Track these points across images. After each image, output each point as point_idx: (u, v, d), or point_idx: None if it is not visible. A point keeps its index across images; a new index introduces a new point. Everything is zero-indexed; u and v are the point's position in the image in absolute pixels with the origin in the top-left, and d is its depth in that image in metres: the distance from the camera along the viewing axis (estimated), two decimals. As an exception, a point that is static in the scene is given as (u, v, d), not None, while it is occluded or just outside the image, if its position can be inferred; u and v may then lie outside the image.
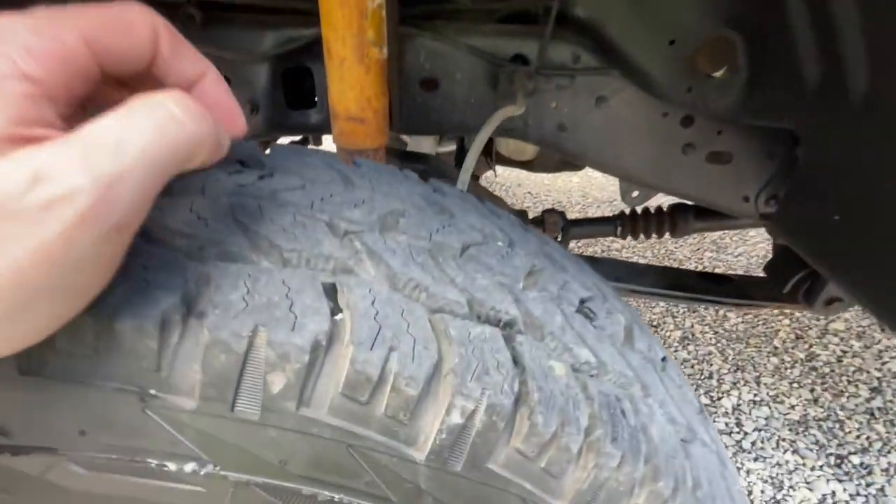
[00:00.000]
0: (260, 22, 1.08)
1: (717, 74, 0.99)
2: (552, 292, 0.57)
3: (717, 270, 2.85)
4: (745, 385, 2.08)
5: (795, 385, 2.09)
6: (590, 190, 3.95)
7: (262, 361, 0.35)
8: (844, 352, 2.20)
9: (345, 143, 0.95)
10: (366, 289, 0.41)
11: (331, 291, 0.40)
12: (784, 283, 1.37)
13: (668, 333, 2.21)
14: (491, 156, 2.03)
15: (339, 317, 0.39)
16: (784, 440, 1.83)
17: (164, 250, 0.37)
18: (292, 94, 1.18)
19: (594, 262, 1.48)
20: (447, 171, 1.79)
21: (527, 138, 1.24)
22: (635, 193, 1.55)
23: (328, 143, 1.30)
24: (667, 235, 1.67)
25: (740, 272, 2.95)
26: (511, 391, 0.40)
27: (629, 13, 0.93)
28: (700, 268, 2.96)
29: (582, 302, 0.60)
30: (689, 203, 1.55)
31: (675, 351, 2.29)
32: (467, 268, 0.50)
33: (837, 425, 1.88)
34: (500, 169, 2.43)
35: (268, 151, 0.57)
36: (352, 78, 0.88)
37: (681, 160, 1.21)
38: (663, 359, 0.68)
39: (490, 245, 0.56)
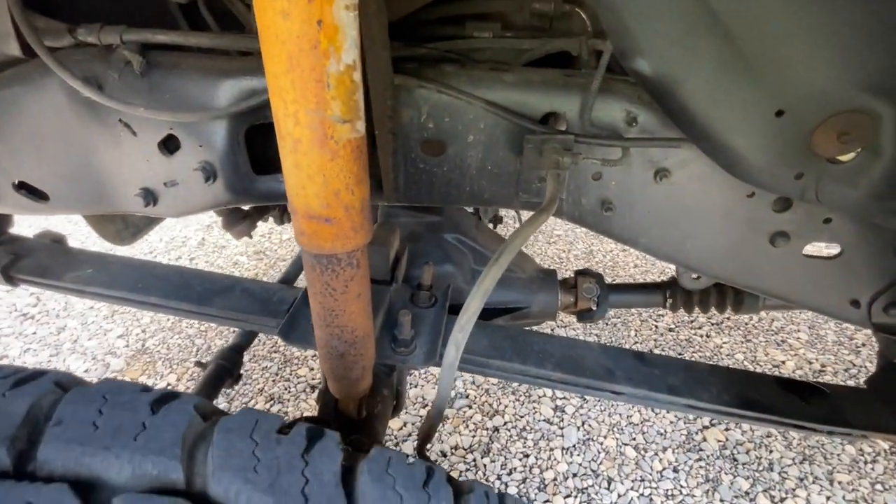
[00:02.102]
0: (215, 68, 0.83)
1: (846, 158, 0.68)
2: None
3: (782, 332, 2.44)
4: (814, 482, 1.73)
5: (879, 486, 1.73)
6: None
7: None
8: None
9: (308, 247, 0.69)
10: None
11: None
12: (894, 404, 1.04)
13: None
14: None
15: None
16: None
17: None
18: (260, 156, 0.94)
19: (640, 358, 1.18)
20: (464, 222, 1.51)
21: (559, 215, 0.96)
22: (696, 275, 1.24)
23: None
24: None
25: (806, 334, 2.54)
26: None
27: (719, 69, 0.63)
28: (759, 332, 2.58)
29: None
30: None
31: (727, 430, 1.96)
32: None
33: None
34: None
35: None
36: (311, 166, 0.62)
37: (767, 252, 0.90)
38: None
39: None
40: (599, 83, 0.77)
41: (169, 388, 1.10)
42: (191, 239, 3.15)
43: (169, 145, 0.91)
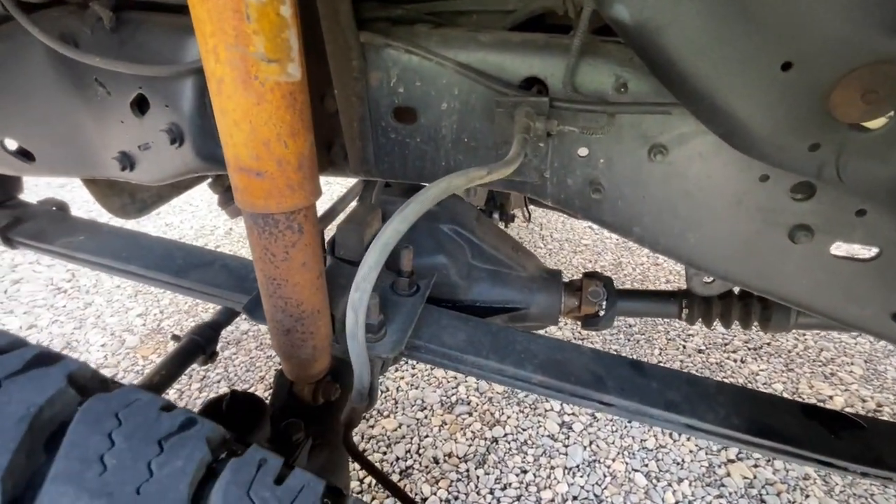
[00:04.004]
0: (181, 25, 0.81)
1: (874, 125, 0.55)
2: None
3: (832, 364, 2.16)
4: (859, 536, 1.48)
5: (939, 550, 1.47)
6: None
7: None
8: None
9: (241, 204, 0.64)
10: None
11: None
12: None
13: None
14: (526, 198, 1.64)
15: None
16: None
17: None
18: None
19: (637, 368, 1.04)
20: (463, 213, 1.43)
21: (543, 197, 0.86)
22: (709, 280, 1.09)
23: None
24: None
25: (861, 369, 2.25)
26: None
27: (708, 11, 0.53)
28: (805, 362, 2.31)
29: None
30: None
31: (756, 466, 1.73)
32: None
33: None
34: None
35: None
36: (236, 110, 0.56)
37: (786, 250, 0.77)
38: None
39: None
40: (581, 41, 0.68)
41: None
42: (219, 228, 3.24)
43: (142, 106, 0.90)
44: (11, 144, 1.04)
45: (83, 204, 3.34)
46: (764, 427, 0.91)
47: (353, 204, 2.20)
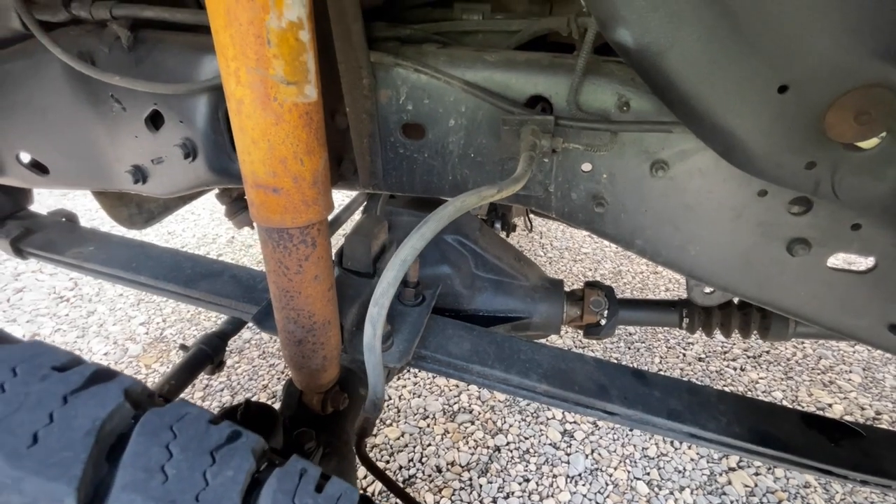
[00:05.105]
0: (196, 44, 0.84)
1: (867, 145, 0.58)
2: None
3: (830, 372, 2.18)
4: (859, 544, 1.49)
5: (940, 558, 1.47)
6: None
7: None
8: None
9: (257, 219, 0.66)
10: None
11: None
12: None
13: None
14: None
15: None
16: None
17: None
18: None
19: (639, 377, 1.06)
20: (467, 224, 1.46)
21: (548, 210, 0.88)
22: (709, 290, 1.11)
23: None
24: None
25: (860, 377, 2.27)
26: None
27: (708, 37, 0.55)
28: (804, 370, 2.33)
29: None
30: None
31: (757, 474, 1.74)
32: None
33: None
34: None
35: None
36: (254, 129, 0.59)
37: (784, 262, 0.79)
38: None
39: None
40: (585, 62, 0.70)
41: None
42: (221, 237, 3.26)
43: (156, 122, 0.92)
44: (25, 157, 1.06)
45: (85, 213, 3.36)
46: (765, 436, 0.93)
47: (359, 212, 2.22)
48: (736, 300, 1.23)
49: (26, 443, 0.36)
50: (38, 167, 1.06)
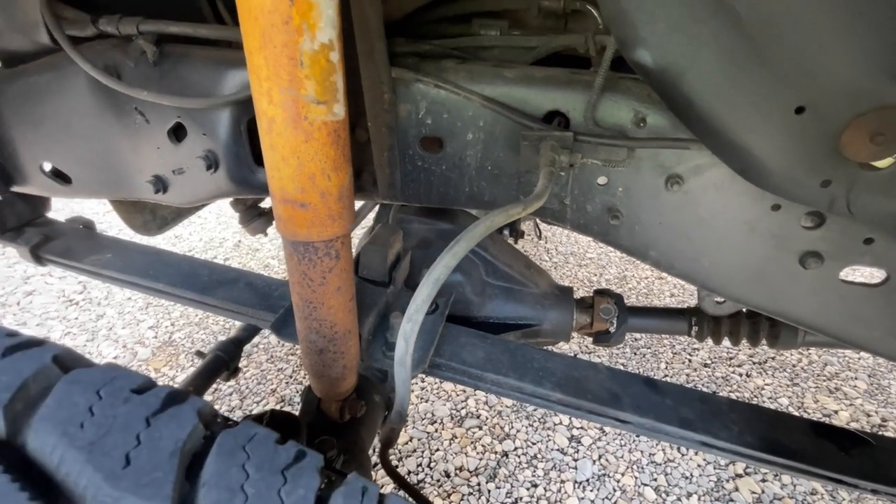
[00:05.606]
0: (220, 59, 0.85)
1: (882, 164, 0.59)
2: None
3: (836, 379, 2.18)
4: (866, 551, 1.50)
5: (947, 565, 1.48)
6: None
7: None
8: None
9: (284, 232, 0.68)
10: None
11: None
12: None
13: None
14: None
15: None
16: None
17: None
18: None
19: (651, 385, 1.07)
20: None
21: (563, 222, 0.90)
22: (720, 300, 1.13)
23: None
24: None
25: (866, 384, 2.28)
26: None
27: (727, 59, 0.57)
28: (809, 376, 2.34)
29: None
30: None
31: (764, 480, 1.75)
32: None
33: None
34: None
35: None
36: (284, 147, 0.60)
37: (797, 275, 0.80)
38: None
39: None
40: (603, 79, 0.72)
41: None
42: (228, 241, 3.28)
43: (178, 134, 0.94)
44: (47, 167, 1.08)
45: (91, 217, 3.39)
46: (776, 444, 0.94)
47: (370, 217, 2.24)
48: (745, 309, 1.25)
49: (121, 464, 0.38)
50: (60, 177, 1.07)
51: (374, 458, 1.74)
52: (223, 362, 1.14)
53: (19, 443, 0.42)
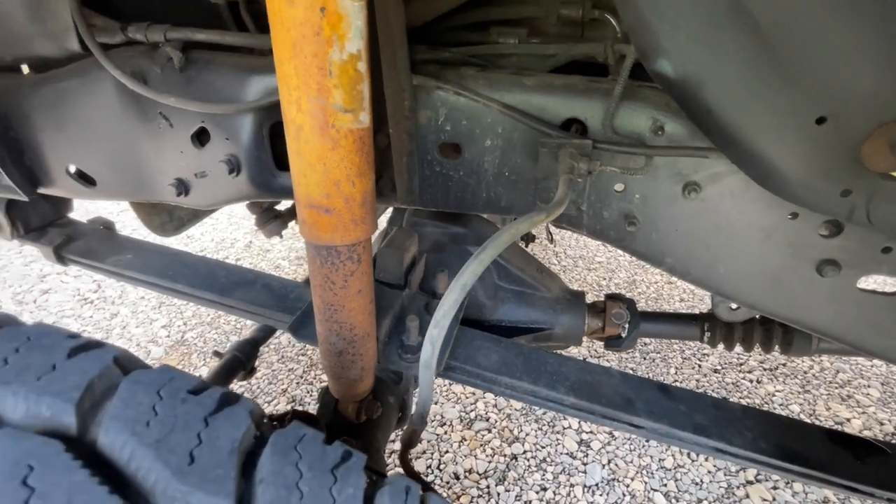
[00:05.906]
0: (244, 65, 0.87)
1: (902, 175, 0.59)
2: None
3: (849, 386, 2.17)
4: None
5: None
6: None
7: None
8: None
9: (308, 237, 0.69)
10: None
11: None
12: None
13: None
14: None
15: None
16: None
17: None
18: (285, 154, 0.96)
19: (664, 391, 1.08)
20: (488, 235, 1.48)
21: (579, 228, 0.91)
22: (735, 307, 1.13)
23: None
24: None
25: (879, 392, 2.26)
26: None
27: (748, 69, 0.58)
28: (821, 383, 2.33)
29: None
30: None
31: (775, 488, 1.74)
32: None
33: None
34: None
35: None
36: (311, 154, 0.62)
37: (814, 283, 0.81)
38: None
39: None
40: (622, 88, 0.73)
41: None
42: (239, 241, 3.31)
43: (202, 138, 0.96)
44: (72, 169, 1.11)
45: (86, 216, 3.44)
46: (791, 452, 0.94)
47: (381, 220, 2.25)
48: (758, 315, 1.24)
49: (186, 461, 0.39)
50: (85, 179, 1.10)
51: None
52: (240, 362, 1.16)
53: (90, 439, 0.44)
